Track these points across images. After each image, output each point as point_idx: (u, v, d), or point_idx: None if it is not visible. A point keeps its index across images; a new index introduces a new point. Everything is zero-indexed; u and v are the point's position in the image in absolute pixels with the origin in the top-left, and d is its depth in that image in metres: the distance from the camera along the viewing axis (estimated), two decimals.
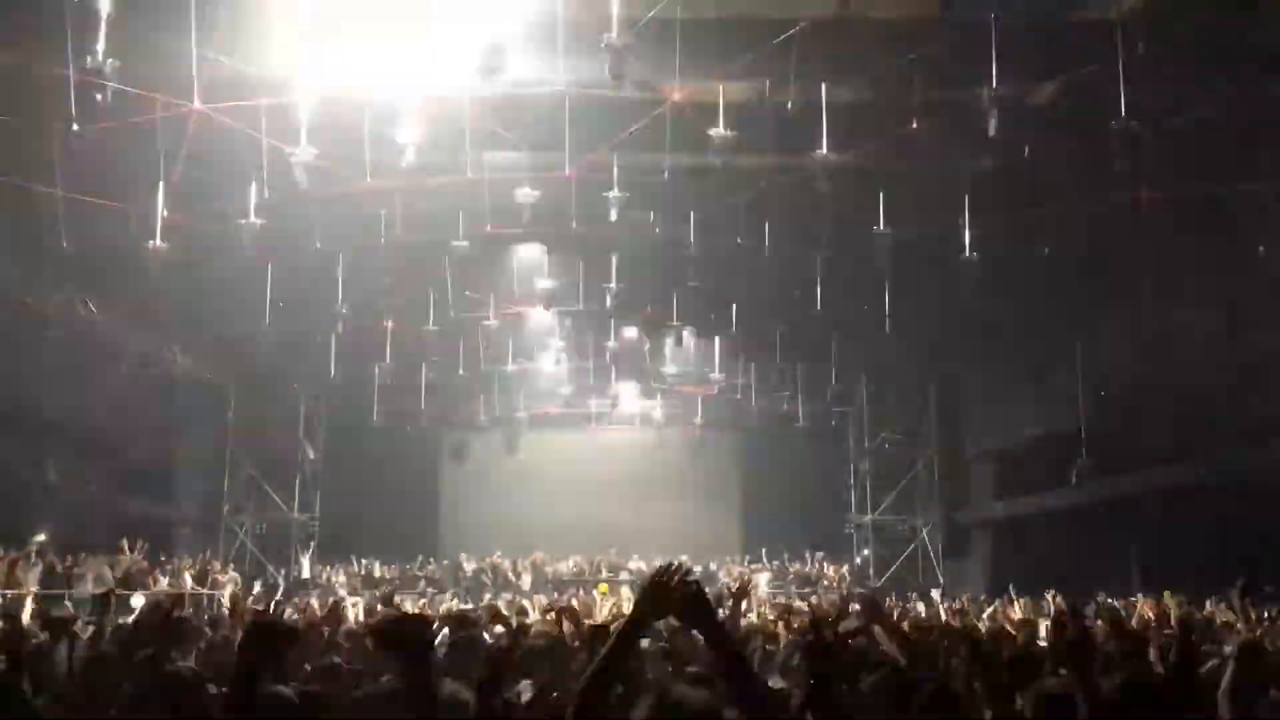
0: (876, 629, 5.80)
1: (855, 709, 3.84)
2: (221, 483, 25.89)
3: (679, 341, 22.60)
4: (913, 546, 26.81)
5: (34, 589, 15.08)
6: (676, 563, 2.84)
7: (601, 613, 11.85)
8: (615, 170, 15.20)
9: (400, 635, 3.32)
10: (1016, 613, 13.69)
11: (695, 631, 3.07)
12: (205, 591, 18.64)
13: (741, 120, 13.71)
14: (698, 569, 25.37)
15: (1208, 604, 13.61)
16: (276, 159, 14.01)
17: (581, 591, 21.19)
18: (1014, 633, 8.65)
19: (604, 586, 21.71)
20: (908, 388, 26.54)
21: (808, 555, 26.02)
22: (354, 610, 11.55)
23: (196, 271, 16.73)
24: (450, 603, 17.47)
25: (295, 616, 10.64)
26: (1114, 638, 6.29)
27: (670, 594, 2.76)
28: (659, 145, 14.34)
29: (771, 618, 11.03)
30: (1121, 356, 18.41)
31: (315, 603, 14.48)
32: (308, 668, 5.67)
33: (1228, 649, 6.54)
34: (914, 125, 13.93)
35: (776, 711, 2.91)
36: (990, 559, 24.81)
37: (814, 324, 19.87)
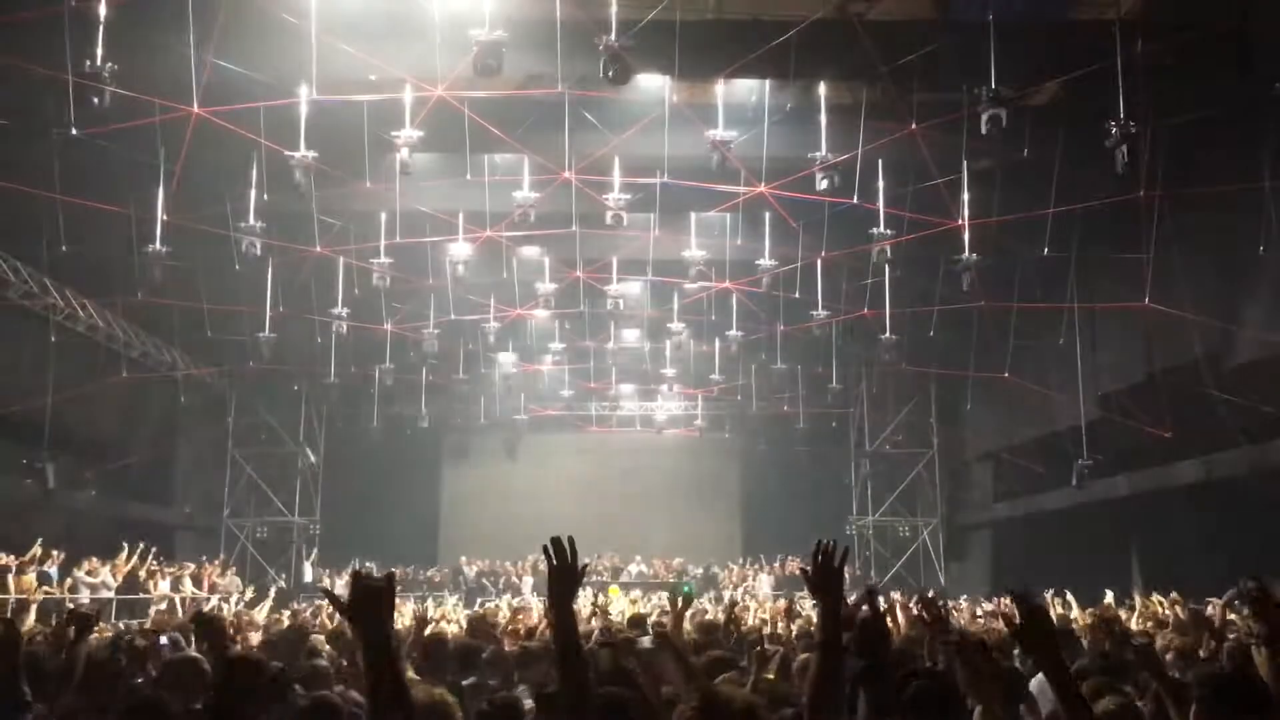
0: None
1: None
2: (222, 486, 25.84)
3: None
4: (914, 548, 26.76)
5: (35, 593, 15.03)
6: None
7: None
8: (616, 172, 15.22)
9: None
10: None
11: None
12: (204, 595, 18.62)
13: (741, 118, 13.73)
14: (698, 570, 25.49)
15: (1211, 606, 13.54)
16: (276, 162, 14.03)
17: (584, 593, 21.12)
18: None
19: (615, 589, 21.67)
20: (908, 389, 26.47)
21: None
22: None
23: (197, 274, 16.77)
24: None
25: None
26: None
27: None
28: (657, 145, 14.34)
29: (766, 617, 11.07)
30: (1121, 356, 18.37)
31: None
32: None
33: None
34: (913, 125, 13.94)
35: None
36: (991, 560, 24.78)
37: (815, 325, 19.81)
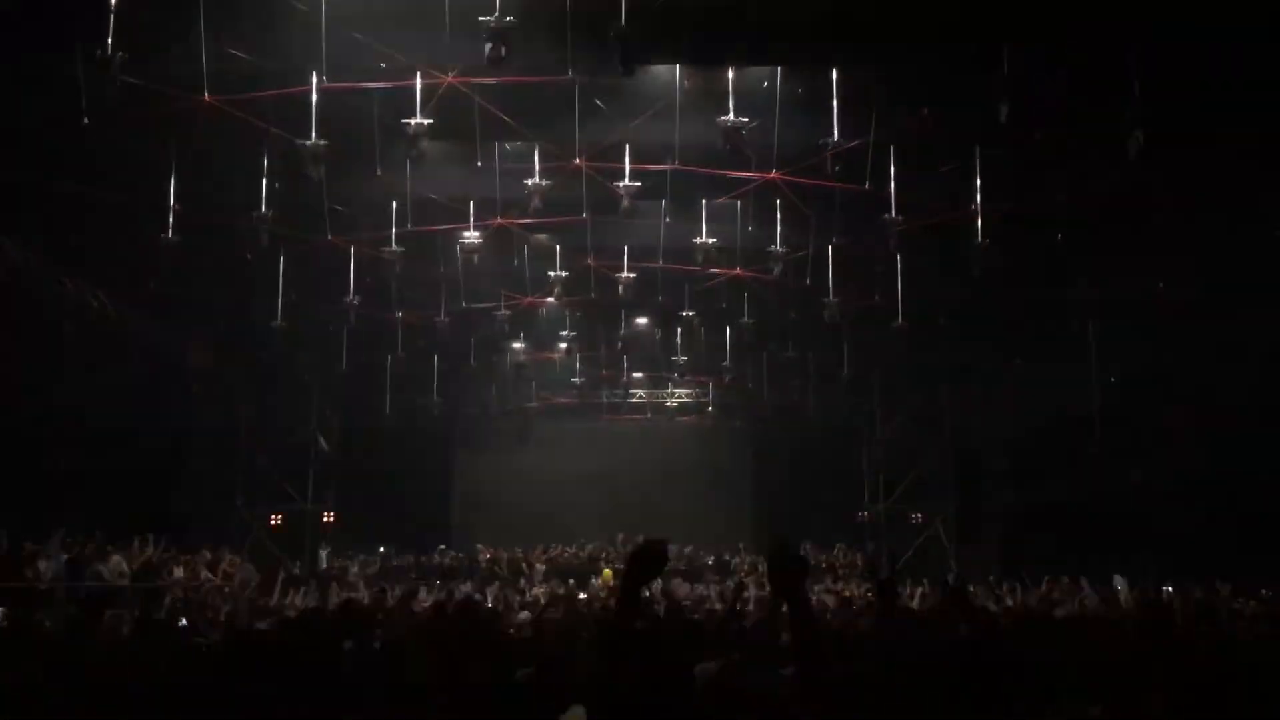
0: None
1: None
2: (234, 475, 25.92)
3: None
4: (925, 535, 26.73)
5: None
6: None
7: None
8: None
9: None
10: None
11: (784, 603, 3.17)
12: (218, 582, 18.77)
13: (753, 104, 13.68)
14: (710, 559, 25.52)
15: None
16: (286, 150, 14.06)
17: (593, 579, 21.26)
18: None
19: (608, 572, 21.76)
20: (920, 376, 26.38)
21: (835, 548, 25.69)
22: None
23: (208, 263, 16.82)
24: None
25: None
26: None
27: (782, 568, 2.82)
28: (668, 132, 14.30)
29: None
30: (1134, 343, 18.32)
31: None
32: None
33: None
34: (925, 112, 13.88)
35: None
36: (1003, 548, 24.73)
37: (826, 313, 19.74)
